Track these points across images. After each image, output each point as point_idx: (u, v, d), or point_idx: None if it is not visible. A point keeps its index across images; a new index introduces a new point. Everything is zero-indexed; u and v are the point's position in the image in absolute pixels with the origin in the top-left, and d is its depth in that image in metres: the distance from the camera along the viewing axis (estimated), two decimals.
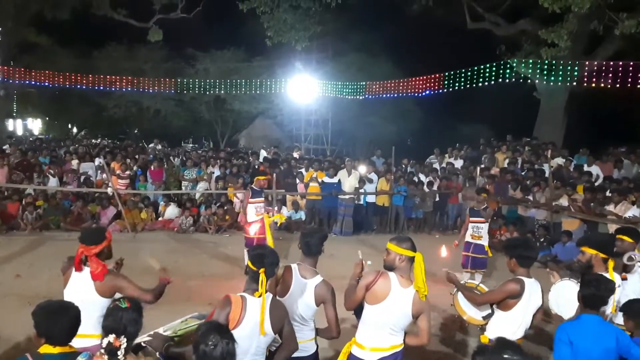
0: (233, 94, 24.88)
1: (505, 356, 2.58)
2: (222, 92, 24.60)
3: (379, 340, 3.65)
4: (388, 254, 3.66)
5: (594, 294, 3.58)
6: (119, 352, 2.78)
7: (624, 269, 4.86)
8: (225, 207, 13.10)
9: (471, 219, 8.42)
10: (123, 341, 2.81)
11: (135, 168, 14.34)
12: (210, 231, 12.61)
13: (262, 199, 9.29)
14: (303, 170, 14.24)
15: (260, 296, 3.25)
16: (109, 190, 12.25)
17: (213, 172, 14.43)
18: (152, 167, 14.25)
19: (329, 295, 3.77)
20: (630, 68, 14.30)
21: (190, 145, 29.75)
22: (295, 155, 17.44)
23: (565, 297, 4.60)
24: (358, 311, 3.78)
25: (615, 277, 4.52)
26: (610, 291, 3.75)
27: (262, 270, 3.26)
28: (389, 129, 25.16)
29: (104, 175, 13.29)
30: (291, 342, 3.41)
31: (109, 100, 27.44)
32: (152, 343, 3.35)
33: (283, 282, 3.76)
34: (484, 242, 8.27)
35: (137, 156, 15.75)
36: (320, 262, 3.97)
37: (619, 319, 4.31)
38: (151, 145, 19.67)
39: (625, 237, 5.02)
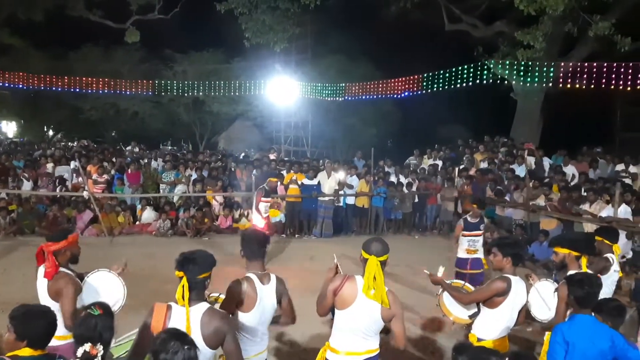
0: (212, 95, 24.70)
1: None
2: (201, 93, 24.42)
3: (352, 345, 3.60)
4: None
5: (588, 292, 3.61)
6: None
7: (601, 271, 4.96)
8: (204, 210, 12.98)
9: (465, 232, 7.62)
10: (100, 349, 2.74)
11: (112, 172, 14.13)
12: (188, 234, 12.48)
13: (271, 199, 9.90)
14: (284, 172, 14.21)
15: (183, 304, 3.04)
16: (85, 194, 12.03)
17: (191, 175, 14.28)
18: (129, 170, 14.06)
19: (285, 288, 3.80)
20: (604, 69, 14.58)
21: (169, 147, 29.40)
22: (271, 157, 17.38)
23: (543, 298, 4.66)
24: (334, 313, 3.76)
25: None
26: (599, 286, 3.81)
27: (180, 274, 3.09)
28: (369, 130, 25.21)
29: (80, 179, 13.06)
30: None
31: (85, 103, 27.00)
32: None
33: (247, 295, 3.60)
34: (481, 254, 7.53)
35: (114, 159, 15.52)
36: (300, 264, 3.95)
37: None
38: (128, 147, 19.39)
39: (601, 239, 5.16)
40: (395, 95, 19.63)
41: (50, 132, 34.04)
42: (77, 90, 22.72)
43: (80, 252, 4.04)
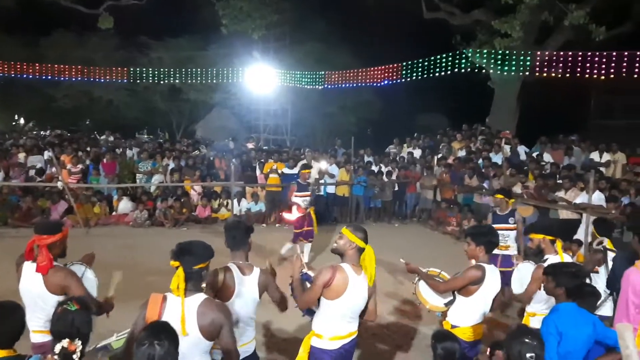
0: (188, 83, 24.34)
1: (526, 340, 2.84)
2: (177, 81, 24.03)
3: (338, 329, 3.67)
4: (340, 238, 3.69)
5: (579, 284, 3.70)
6: (74, 356, 2.66)
7: (599, 262, 5.13)
8: (182, 200, 12.84)
9: (494, 225, 6.81)
10: (78, 344, 2.69)
11: (87, 162, 13.87)
12: (167, 225, 12.34)
13: (309, 192, 9.32)
14: (262, 161, 14.13)
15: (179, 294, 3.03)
16: (59, 184, 11.76)
17: (168, 164, 14.09)
18: (104, 160, 13.81)
19: (270, 279, 3.79)
20: (579, 58, 14.78)
21: (145, 136, 28.95)
22: (250, 146, 17.27)
23: (523, 278, 4.82)
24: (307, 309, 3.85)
25: (565, 257, 4.75)
26: (587, 277, 3.91)
27: (176, 264, 3.08)
28: (349, 119, 25.21)
29: (54, 169, 12.79)
30: (233, 355, 3.13)
31: (58, 90, 26.36)
32: None
33: (225, 285, 3.59)
34: (513, 251, 6.97)
35: (88, 148, 15.23)
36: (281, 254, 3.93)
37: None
38: (103, 137, 19.05)
39: (594, 230, 5.46)
40: (374, 84, 19.62)
41: (22, 121, 33.24)
42: (49, 77, 22.18)
43: (67, 245, 3.94)
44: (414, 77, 17.59)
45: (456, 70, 16.77)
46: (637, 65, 13.94)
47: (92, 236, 11.13)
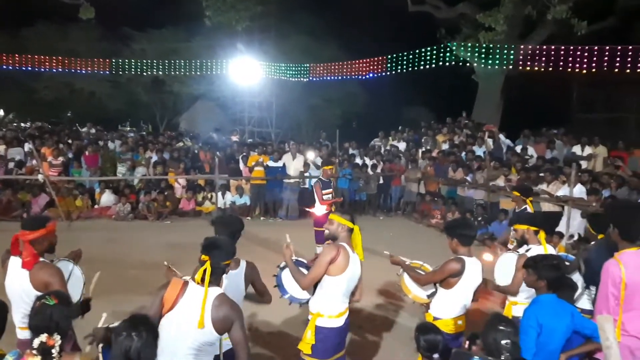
0: (172, 75, 24.09)
1: (501, 328, 2.92)
2: (161, 73, 23.78)
3: (340, 306, 3.94)
4: (331, 223, 4.00)
5: (561, 276, 3.75)
6: (53, 351, 2.62)
7: None
8: (166, 193, 12.73)
9: None
10: (57, 339, 2.65)
11: (70, 155, 13.68)
12: (150, 218, 12.24)
13: (331, 189, 9.21)
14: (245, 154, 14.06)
15: (201, 284, 3.08)
16: (40, 177, 11.60)
17: (151, 157, 13.94)
18: (86, 152, 13.64)
19: (256, 272, 3.93)
20: (562, 52, 14.93)
21: (128, 129, 28.61)
22: (234, 139, 17.17)
23: (506, 267, 4.86)
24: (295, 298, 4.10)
25: (548, 248, 4.79)
26: (566, 269, 3.95)
27: (205, 257, 3.11)
28: (334, 112, 25.17)
29: (34, 162, 12.60)
30: (243, 349, 3.12)
31: (39, 82, 25.93)
32: (96, 335, 3.16)
33: None
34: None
35: (70, 141, 15.02)
36: (266, 247, 3.94)
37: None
38: (84, 129, 18.81)
39: (589, 226, 5.44)
40: (359, 77, 19.62)
41: (1, 113, 32.65)
42: (30, 68, 21.83)
43: (57, 240, 3.86)
44: (399, 70, 17.64)
45: (441, 63, 16.85)
46: (618, 59, 14.12)
47: (74, 230, 11.00)
